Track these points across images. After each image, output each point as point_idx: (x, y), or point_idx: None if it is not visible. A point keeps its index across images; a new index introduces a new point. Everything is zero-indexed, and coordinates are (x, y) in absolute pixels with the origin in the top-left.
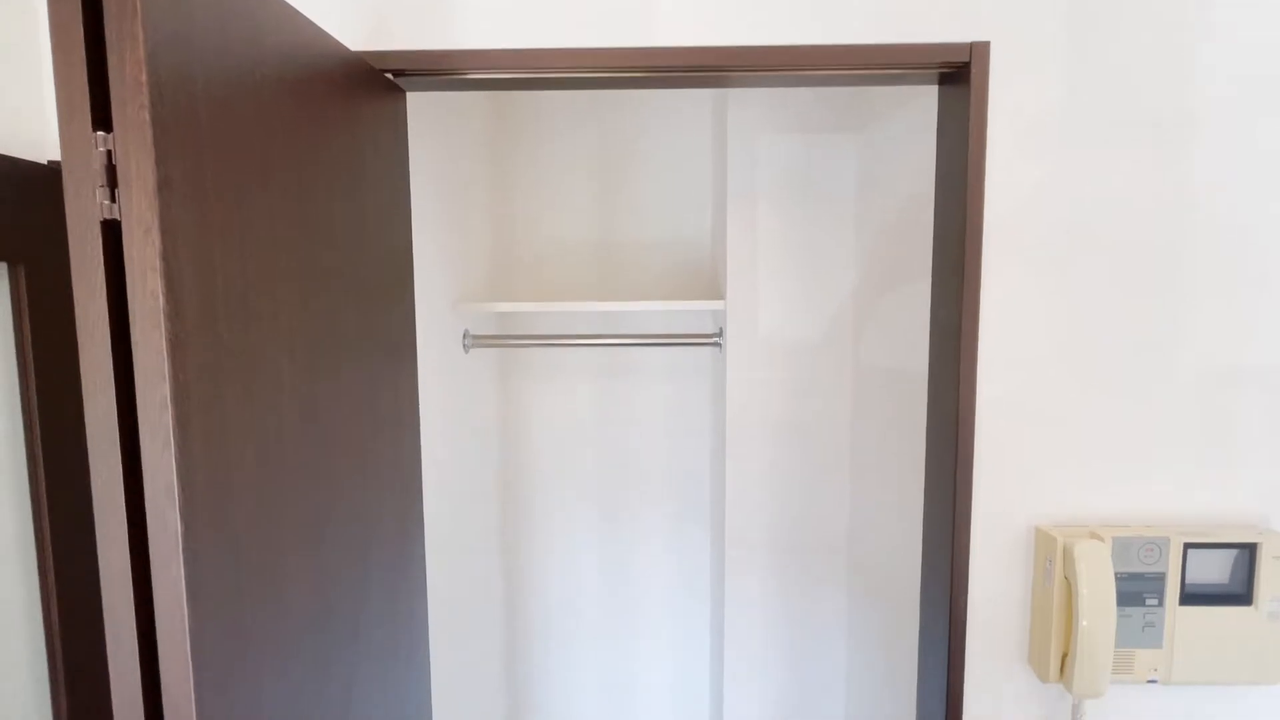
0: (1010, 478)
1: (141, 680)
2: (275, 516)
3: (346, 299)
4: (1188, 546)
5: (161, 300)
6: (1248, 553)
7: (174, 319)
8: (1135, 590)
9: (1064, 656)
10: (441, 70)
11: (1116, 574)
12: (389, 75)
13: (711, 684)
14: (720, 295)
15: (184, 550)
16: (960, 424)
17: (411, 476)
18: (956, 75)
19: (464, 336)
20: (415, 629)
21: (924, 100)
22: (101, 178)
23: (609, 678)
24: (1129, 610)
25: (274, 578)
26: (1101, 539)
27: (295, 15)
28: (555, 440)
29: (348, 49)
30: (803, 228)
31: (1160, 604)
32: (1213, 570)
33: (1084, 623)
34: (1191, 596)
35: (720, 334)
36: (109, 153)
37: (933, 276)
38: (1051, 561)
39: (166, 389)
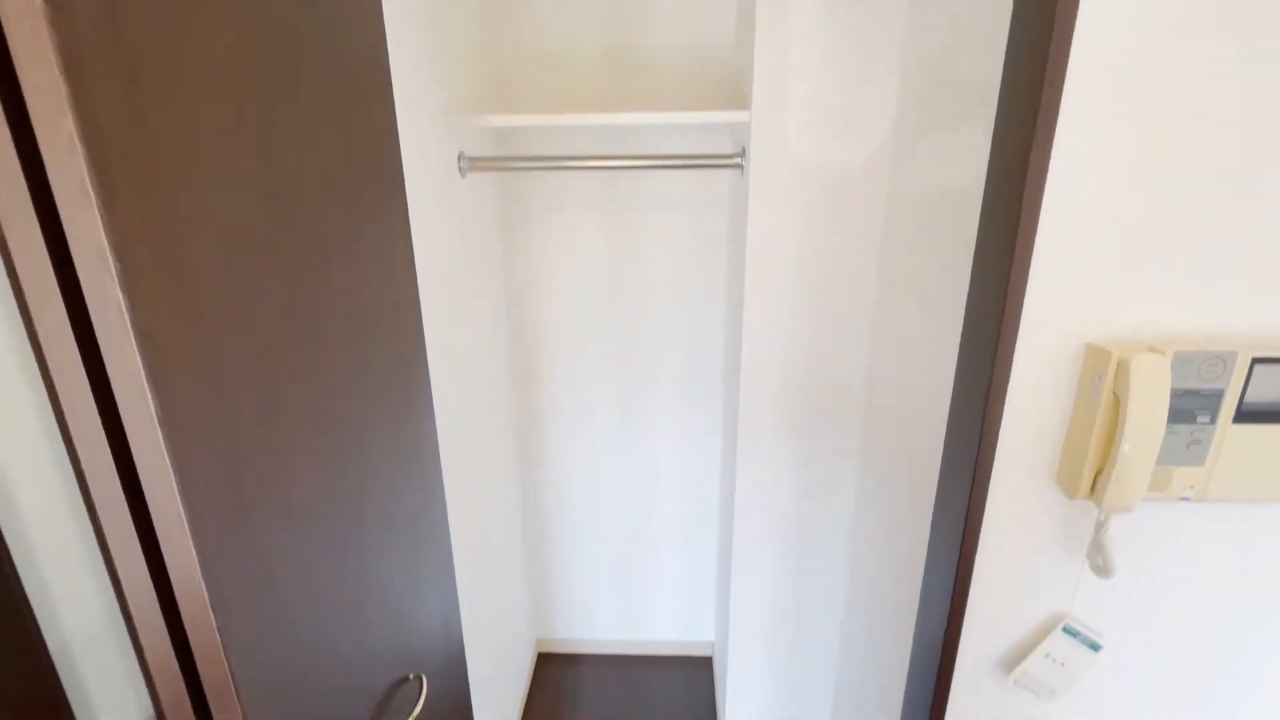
0: (1065, 290)
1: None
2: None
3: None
4: (1255, 361)
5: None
6: None
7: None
8: (1187, 408)
9: (1097, 474)
10: None
11: (1171, 390)
12: None
13: (721, 527)
14: (744, 106)
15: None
16: (1020, 230)
17: (409, 322)
18: None
19: (459, 159)
20: (430, 490)
21: None
22: None
23: (624, 529)
24: (1176, 428)
25: (276, 452)
26: (1162, 352)
27: None
28: (563, 281)
29: None
30: (844, 30)
31: (1212, 422)
32: (1275, 387)
33: (1127, 441)
34: (1247, 414)
35: (743, 154)
36: None
37: (1003, 80)
38: (1101, 377)
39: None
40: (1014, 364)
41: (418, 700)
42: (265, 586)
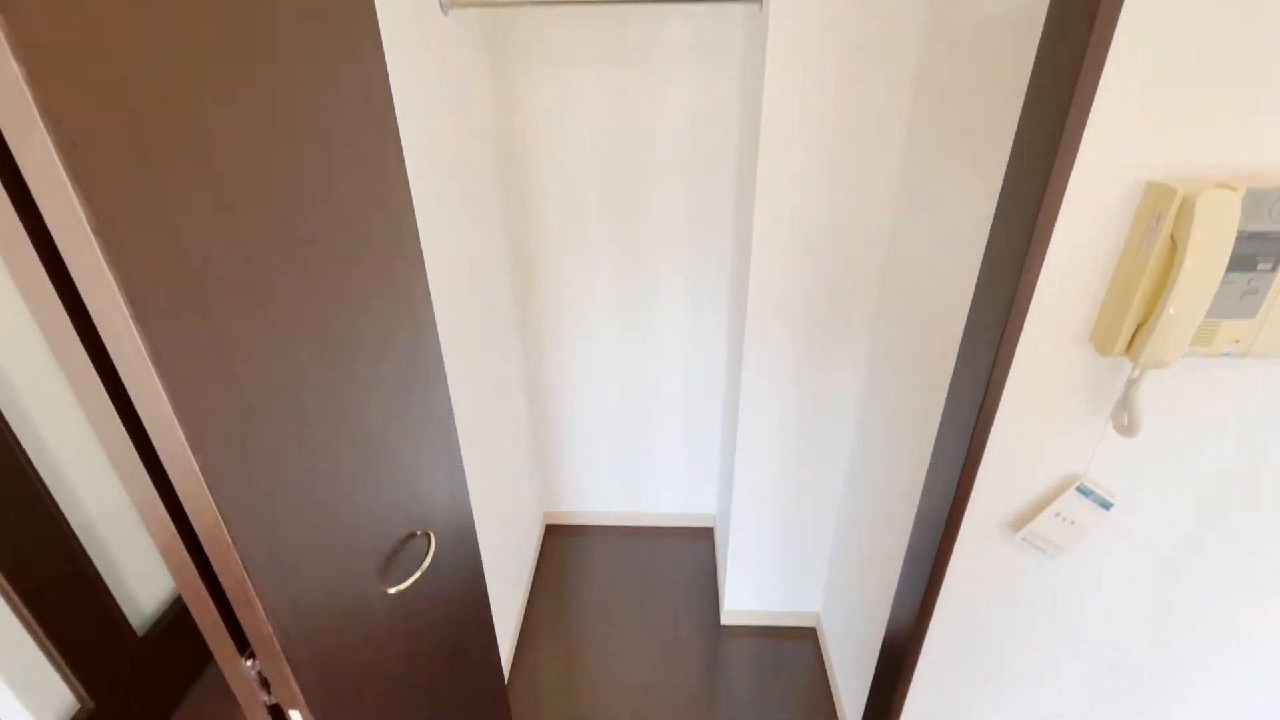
0: (1129, 124)
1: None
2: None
3: None
4: None
5: None
6: None
7: None
8: (1249, 253)
9: (1138, 328)
10: None
11: (1235, 233)
12: None
13: (725, 401)
14: None
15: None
16: (1089, 52)
17: (391, 167)
18: None
19: None
20: (426, 348)
21: None
22: None
23: (628, 380)
24: (1233, 276)
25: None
26: (1234, 189)
27: None
28: (561, 144)
29: None
30: None
31: (1274, 269)
32: None
33: (1179, 289)
34: None
35: None
36: None
37: None
38: (1160, 218)
39: None
40: (1062, 207)
41: (426, 554)
42: (243, 422)
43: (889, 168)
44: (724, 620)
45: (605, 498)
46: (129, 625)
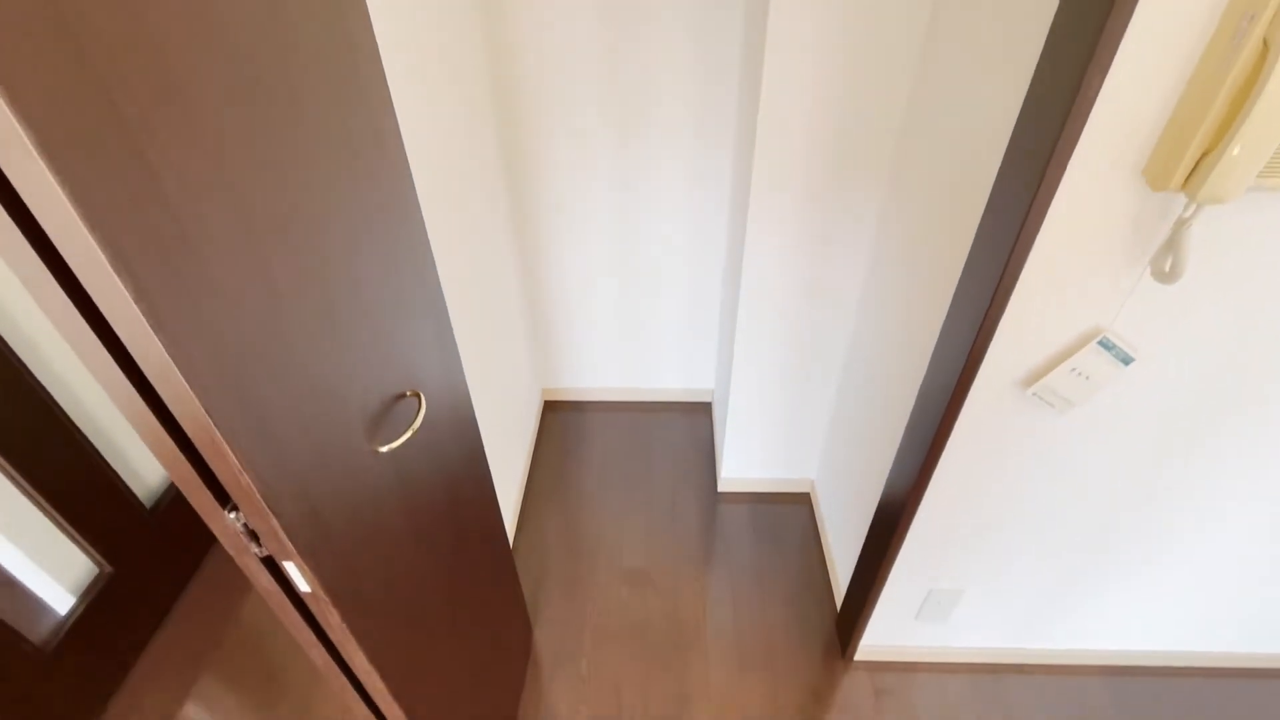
0: None
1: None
2: None
3: None
4: None
5: None
6: None
7: None
8: None
9: (1203, 156)
10: None
11: None
12: None
13: (726, 276)
14: None
15: None
16: None
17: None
18: None
19: None
20: (405, 206)
21: None
22: None
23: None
24: None
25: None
26: None
27: None
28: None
29: None
30: None
31: None
32: None
33: (1269, 99)
34: None
35: None
36: None
37: None
38: (1253, 18)
39: None
40: (1132, 19)
41: (417, 415)
42: (192, 261)
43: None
44: (721, 488)
45: (604, 374)
46: (136, 497)
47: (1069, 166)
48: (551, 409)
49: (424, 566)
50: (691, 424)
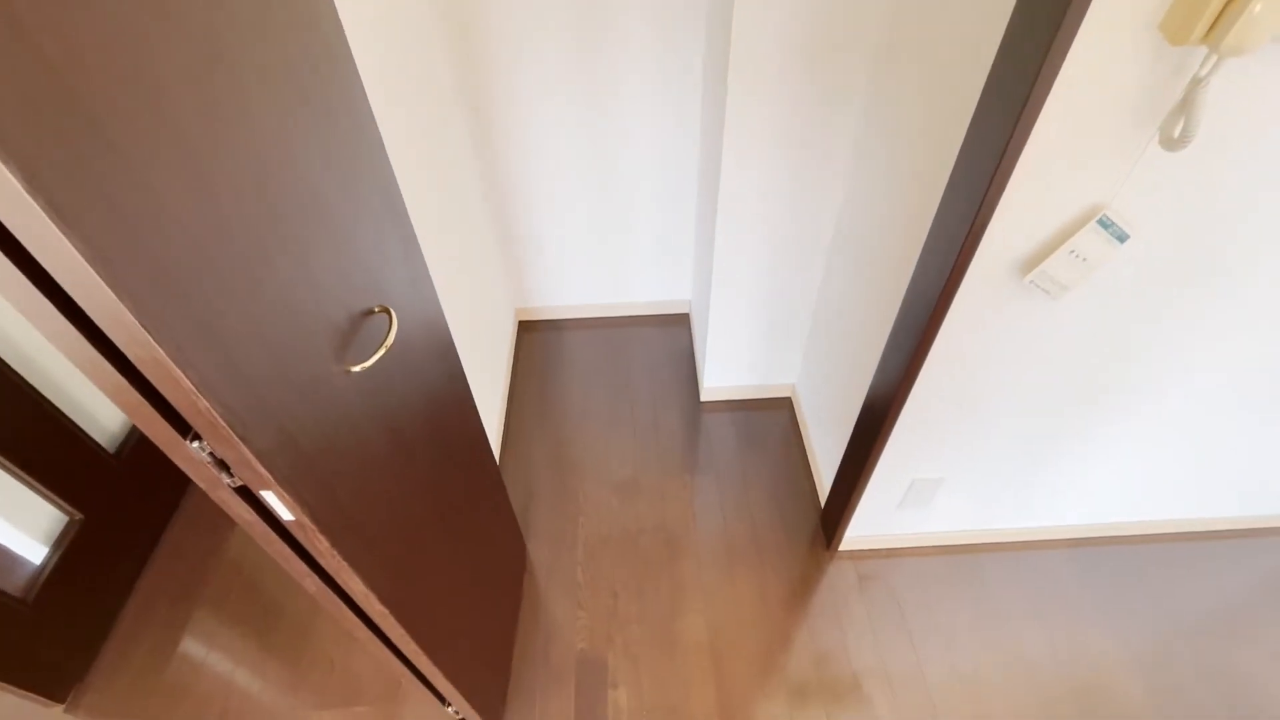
0: None
1: None
2: None
3: None
4: None
5: None
6: None
7: None
8: None
9: (1223, 10)
10: None
11: None
12: None
13: (701, 183)
14: None
15: None
16: None
17: None
18: None
19: None
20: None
21: None
22: None
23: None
24: None
25: None
26: None
27: None
28: None
29: None
30: None
31: None
32: None
33: None
34: None
35: None
36: None
37: None
38: None
39: None
40: None
41: (388, 332)
42: (104, 154)
43: None
44: (703, 397)
45: (578, 290)
46: (96, 443)
47: (1085, 18)
48: (527, 329)
49: (411, 487)
50: (670, 336)
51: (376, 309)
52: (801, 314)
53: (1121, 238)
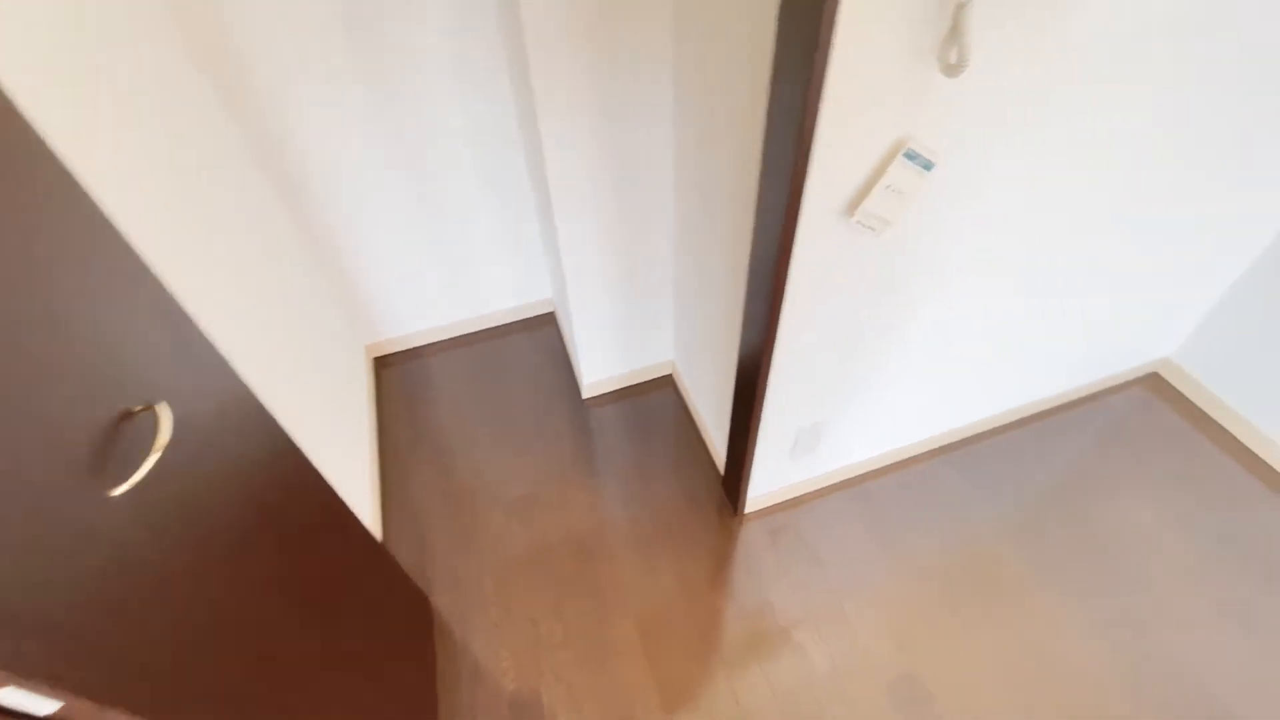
0: None
1: None
2: None
3: None
4: None
5: None
6: None
7: None
8: None
9: None
10: None
11: None
12: None
13: (532, 178)
14: None
15: None
16: None
17: None
18: None
19: None
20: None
21: None
22: None
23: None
24: None
25: None
26: None
27: None
28: None
29: None
30: None
31: None
32: None
33: None
34: None
35: None
36: None
37: None
38: None
39: None
40: None
41: (157, 432)
42: None
43: None
44: (586, 394)
45: (431, 312)
46: None
47: None
48: (385, 365)
49: (247, 598)
50: (540, 340)
51: (137, 409)
52: (662, 288)
53: (928, 166)
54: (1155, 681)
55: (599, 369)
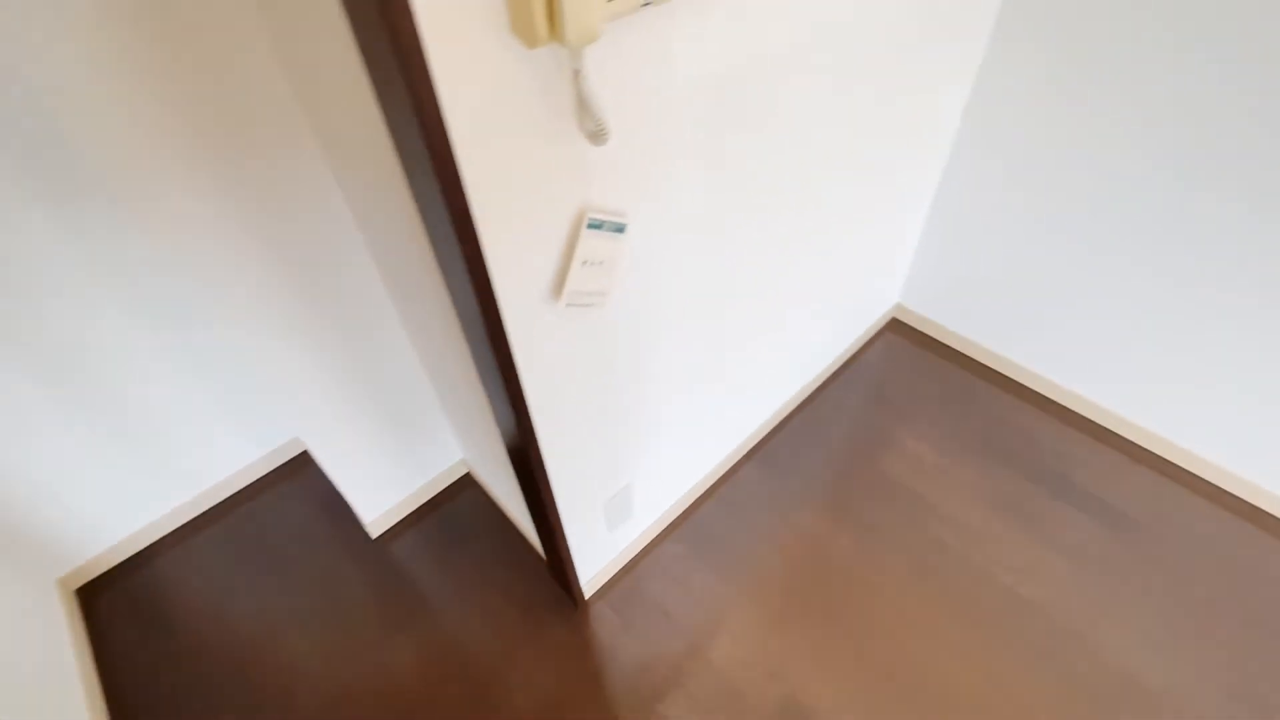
0: None
1: None
2: None
3: None
4: None
5: None
6: None
7: None
8: None
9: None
10: None
11: None
12: None
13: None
14: None
15: None
16: None
17: None
18: None
19: None
20: None
21: None
22: None
23: None
24: None
25: None
26: None
27: None
28: None
29: None
30: None
31: None
32: None
33: None
34: None
35: None
36: None
37: None
38: None
39: None
40: None
41: None
42: None
43: None
44: (375, 533)
45: (151, 504)
46: None
47: (428, 38)
48: (92, 594)
49: None
50: (302, 486)
51: None
52: (423, 393)
53: (620, 229)
54: (974, 592)
55: (379, 501)
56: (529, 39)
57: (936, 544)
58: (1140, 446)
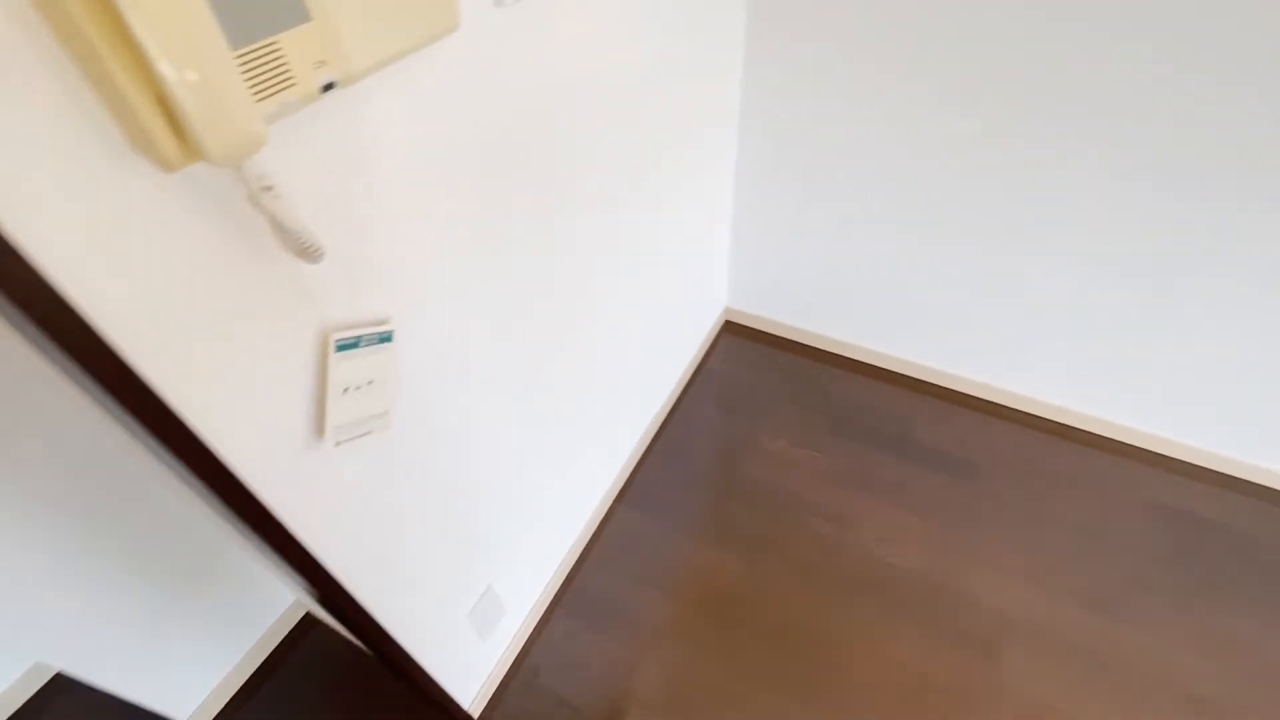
0: None
1: None
2: None
3: None
4: None
5: None
6: None
7: None
8: None
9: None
10: None
11: None
12: None
13: None
14: None
15: None
16: None
17: None
18: None
19: None
20: None
21: None
22: None
23: None
24: None
25: None
26: None
27: None
28: None
29: None
30: None
31: None
32: None
33: (136, 16)
34: None
35: None
36: None
37: None
38: None
39: None
40: None
41: None
42: None
43: None
44: None
45: None
46: None
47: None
48: None
49: None
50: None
51: None
52: (212, 545)
53: (386, 338)
54: (859, 575)
55: (188, 692)
56: (160, 161)
57: (814, 539)
58: (964, 394)
